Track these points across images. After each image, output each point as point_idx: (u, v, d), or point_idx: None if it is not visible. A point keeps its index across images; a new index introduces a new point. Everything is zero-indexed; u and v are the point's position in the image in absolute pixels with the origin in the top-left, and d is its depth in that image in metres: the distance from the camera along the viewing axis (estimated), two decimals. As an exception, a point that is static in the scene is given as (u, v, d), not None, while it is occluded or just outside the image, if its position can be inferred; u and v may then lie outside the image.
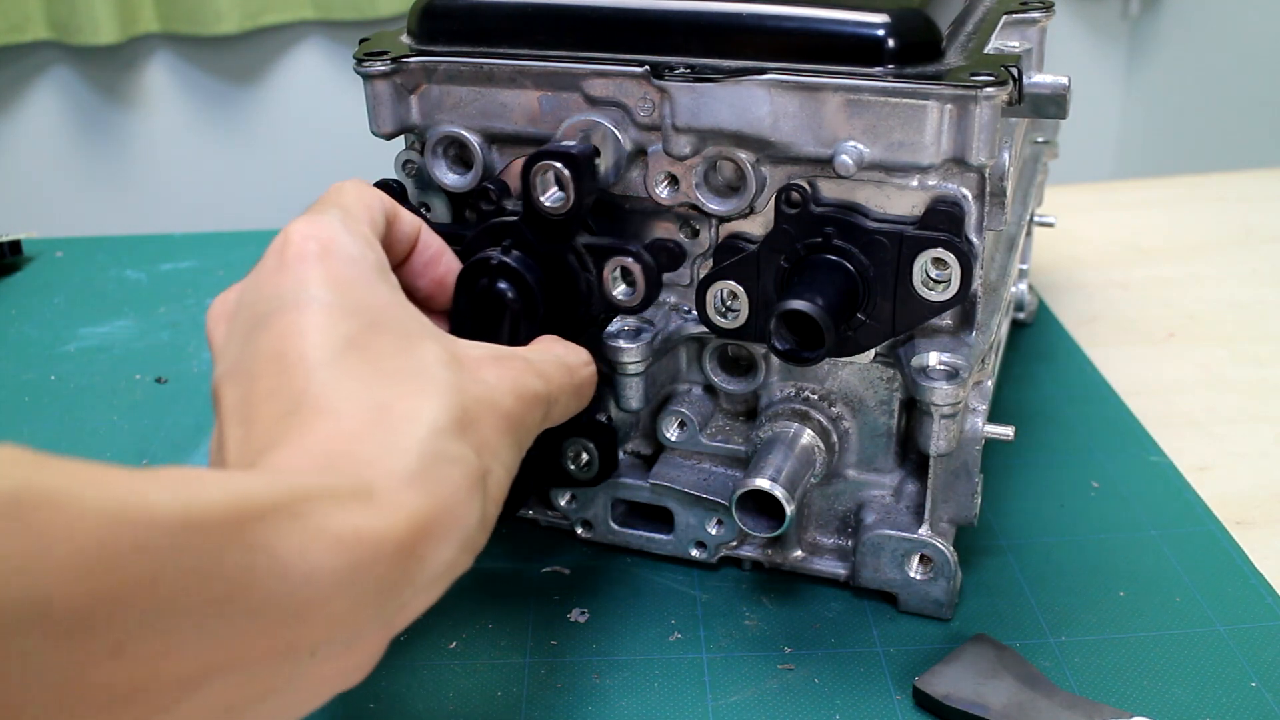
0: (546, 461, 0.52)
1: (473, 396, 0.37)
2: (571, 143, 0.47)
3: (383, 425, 0.34)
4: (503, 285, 0.47)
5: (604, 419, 0.53)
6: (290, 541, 0.30)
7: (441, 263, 0.48)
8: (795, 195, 0.48)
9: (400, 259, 0.47)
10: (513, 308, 0.47)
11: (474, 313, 0.47)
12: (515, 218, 0.48)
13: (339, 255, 0.38)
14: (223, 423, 0.36)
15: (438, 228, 0.49)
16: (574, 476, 0.53)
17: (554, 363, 0.43)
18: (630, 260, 0.47)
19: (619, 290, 0.48)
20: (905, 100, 0.46)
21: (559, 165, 0.46)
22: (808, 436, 0.53)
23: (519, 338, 0.46)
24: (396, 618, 0.35)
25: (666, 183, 0.51)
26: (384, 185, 0.51)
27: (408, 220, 0.46)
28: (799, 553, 0.56)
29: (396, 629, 0.35)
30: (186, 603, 0.27)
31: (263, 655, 0.30)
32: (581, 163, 0.46)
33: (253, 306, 0.37)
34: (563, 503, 0.59)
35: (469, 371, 0.38)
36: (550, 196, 0.47)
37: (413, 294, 0.48)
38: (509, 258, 0.47)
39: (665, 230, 0.53)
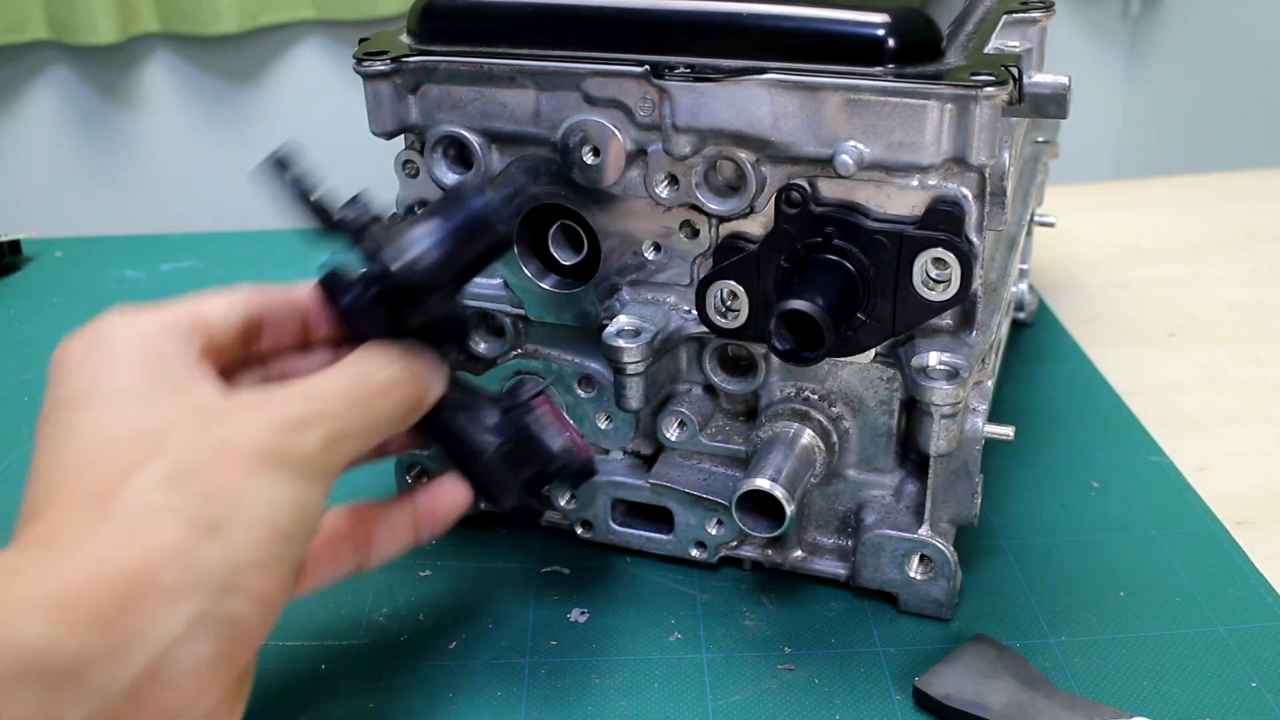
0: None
1: (204, 447, 0.36)
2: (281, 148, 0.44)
3: (94, 499, 0.34)
4: (341, 294, 0.44)
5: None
6: None
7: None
8: (795, 195, 0.48)
9: (294, 339, 0.45)
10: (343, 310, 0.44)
11: (347, 330, 0.45)
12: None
13: (102, 345, 0.39)
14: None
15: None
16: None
17: (336, 381, 0.41)
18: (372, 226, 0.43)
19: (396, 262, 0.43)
20: (905, 100, 0.46)
21: (269, 164, 0.43)
22: (808, 436, 0.53)
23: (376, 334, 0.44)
24: (146, 692, 0.33)
25: (666, 183, 0.51)
26: (328, 279, 0.46)
27: (280, 304, 0.45)
28: (799, 553, 0.56)
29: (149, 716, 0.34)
30: None
31: None
32: (285, 160, 0.43)
33: (40, 420, 0.39)
34: (563, 503, 0.59)
35: (211, 423, 0.37)
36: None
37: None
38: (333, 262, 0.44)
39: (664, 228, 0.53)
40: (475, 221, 0.43)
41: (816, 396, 0.54)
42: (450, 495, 0.46)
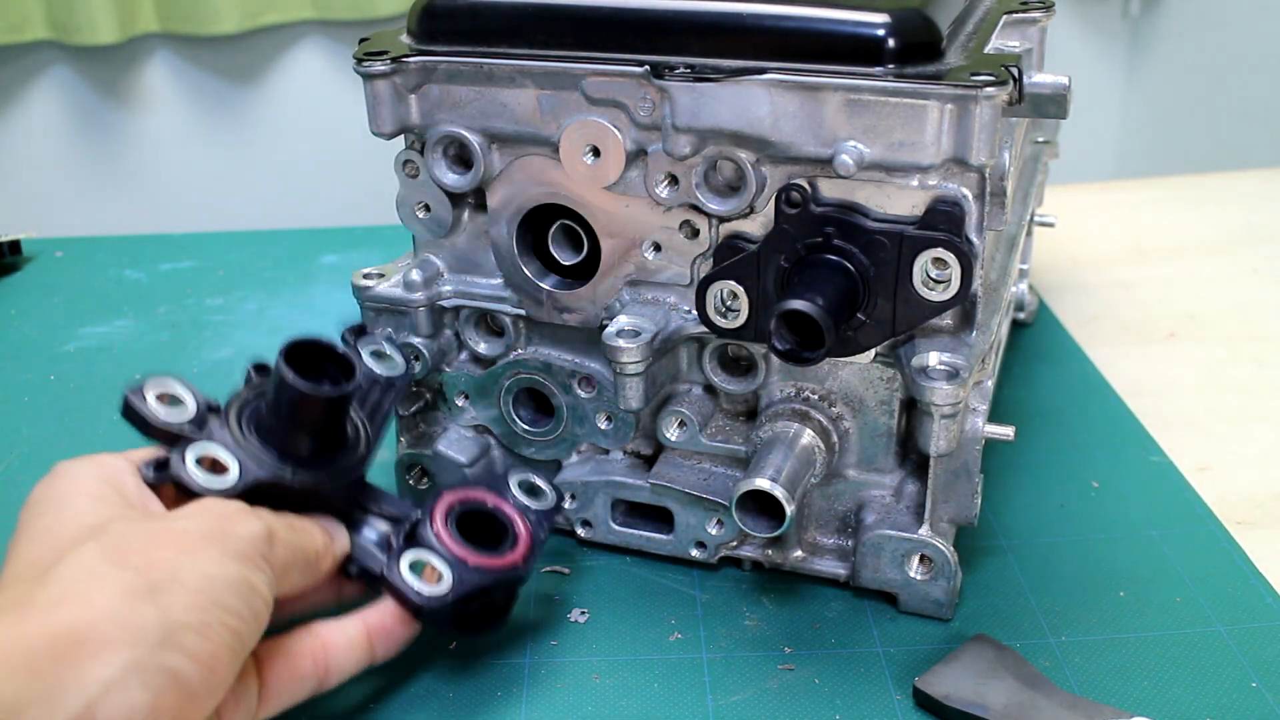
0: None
1: (142, 530, 0.41)
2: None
3: (36, 579, 0.39)
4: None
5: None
6: None
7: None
8: (795, 195, 0.48)
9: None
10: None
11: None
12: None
13: (69, 475, 0.44)
14: None
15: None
16: None
17: (266, 512, 0.45)
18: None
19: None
20: (905, 100, 0.46)
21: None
22: (808, 436, 0.53)
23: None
24: None
25: (666, 183, 0.51)
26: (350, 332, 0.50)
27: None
28: (799, 553, 0.56)
29: None
30: None
31: None
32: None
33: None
34: (563, 503, 0.59)
35: (152, 518, 0.43)
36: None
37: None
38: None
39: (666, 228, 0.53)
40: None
41: (816, 396, 0.54)
42: (401, 615, 0.49)
